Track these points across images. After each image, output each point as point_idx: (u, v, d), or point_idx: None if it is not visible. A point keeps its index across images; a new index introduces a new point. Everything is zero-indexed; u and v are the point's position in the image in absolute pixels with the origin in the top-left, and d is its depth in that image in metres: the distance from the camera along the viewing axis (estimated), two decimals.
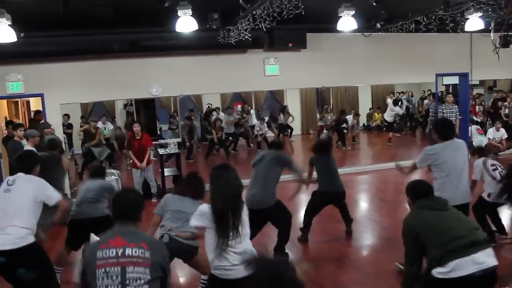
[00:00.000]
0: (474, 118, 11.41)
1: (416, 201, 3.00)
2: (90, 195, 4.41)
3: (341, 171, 5.73)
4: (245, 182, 3.54)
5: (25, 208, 3.37)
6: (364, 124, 15.38)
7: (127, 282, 2.23)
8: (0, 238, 3.25)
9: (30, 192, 3.44)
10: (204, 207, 2.85)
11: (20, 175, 3.56)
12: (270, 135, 12.50)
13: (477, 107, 11.50)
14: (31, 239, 3.35)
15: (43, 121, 7.68)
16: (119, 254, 2.26)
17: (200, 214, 2.84)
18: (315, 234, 5.47)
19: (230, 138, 11.78)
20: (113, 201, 2.52)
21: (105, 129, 11.21)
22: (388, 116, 12.85)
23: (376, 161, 10.42)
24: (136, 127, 7.45)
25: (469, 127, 10.16)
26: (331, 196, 5.26)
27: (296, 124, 14.00)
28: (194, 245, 3.67)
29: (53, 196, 3.53)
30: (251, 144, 12.68)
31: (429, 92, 14.03)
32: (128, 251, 2.27)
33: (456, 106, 9.36)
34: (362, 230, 5.74)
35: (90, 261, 2.30)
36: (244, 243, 2.79)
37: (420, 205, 2.96)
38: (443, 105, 9.50)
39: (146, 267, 2.27)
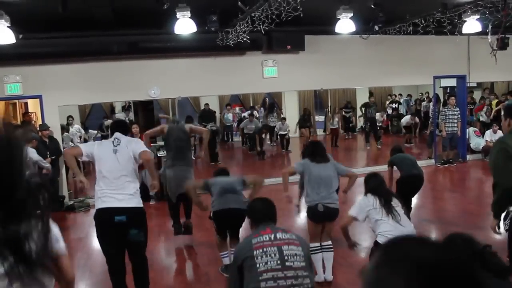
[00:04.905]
0: (480, 117, 11.49)
1: None
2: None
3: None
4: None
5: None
6: (361, 126, 15.41)
7: (286, 258, 2.47)
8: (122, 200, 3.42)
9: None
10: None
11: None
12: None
13: (484, 107, 11.56)
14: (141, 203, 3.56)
15: (33, 121, 7.70)
16: (272, 238, 2.54)
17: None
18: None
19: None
20: (250, 207, 2.87)
21: None
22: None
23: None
24: (135, 128, 7.45)
25: (467, 129, 10.20)
26: (415, 178, 5.62)
27: (293, 126, 13.94)
28: (339, 208, 4.29)
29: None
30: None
31: (427, 95, 14.09)
32: (279, 235, 2.57)
33: (458, 109, 9.39)
34: (361, 232, 5.74)
35: (245, 248, 2.55)
36: None
37: None
38: (446, 107, 9.52)
39: (297, 246, 2.55)
